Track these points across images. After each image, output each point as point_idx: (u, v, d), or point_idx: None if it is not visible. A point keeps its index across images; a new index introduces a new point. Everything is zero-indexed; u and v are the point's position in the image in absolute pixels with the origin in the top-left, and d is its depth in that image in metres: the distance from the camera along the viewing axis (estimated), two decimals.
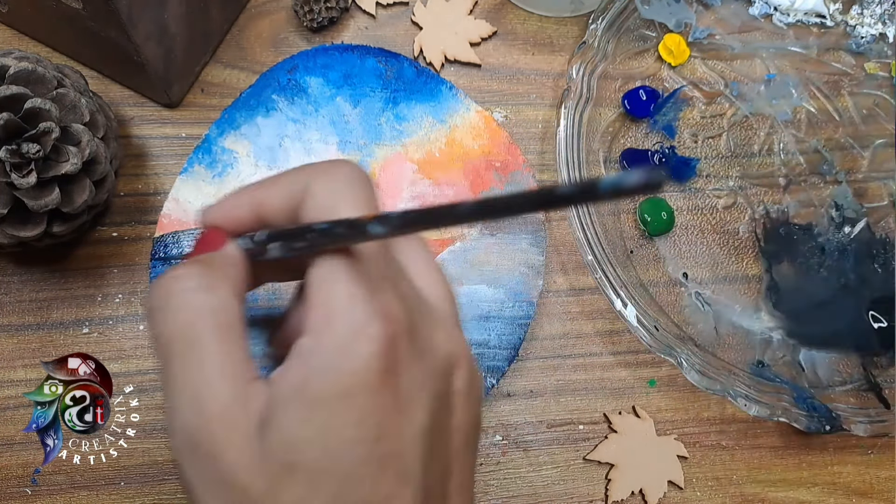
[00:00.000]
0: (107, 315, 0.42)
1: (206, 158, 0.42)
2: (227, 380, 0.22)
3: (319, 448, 0.21)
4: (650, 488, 0.42)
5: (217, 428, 0.21)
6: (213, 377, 0.22)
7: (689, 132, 0.47)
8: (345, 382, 0.21)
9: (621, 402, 0.43)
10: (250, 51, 0.46)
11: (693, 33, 0.48)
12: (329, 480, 0.21)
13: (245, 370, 0.22)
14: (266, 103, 0.43)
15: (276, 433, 0.21)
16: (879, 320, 0.44)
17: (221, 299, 0.23)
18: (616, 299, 0.41)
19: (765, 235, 0.46)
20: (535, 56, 0.48)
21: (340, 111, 0.44)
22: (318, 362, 0.21)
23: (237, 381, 0.22)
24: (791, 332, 0.44)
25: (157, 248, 0.41)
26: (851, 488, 0.43)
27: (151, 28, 0.38)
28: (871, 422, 0.41)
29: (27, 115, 0.35)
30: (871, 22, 0.50)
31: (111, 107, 0.42)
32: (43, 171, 0.35)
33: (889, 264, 0.45)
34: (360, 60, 0.44)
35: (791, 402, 0.41)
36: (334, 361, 0.21)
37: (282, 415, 0.21)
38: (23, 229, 0.36)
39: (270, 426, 0.21)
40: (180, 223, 0.41)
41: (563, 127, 0.44)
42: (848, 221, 0.46)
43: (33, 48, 0.45)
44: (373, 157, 0.43)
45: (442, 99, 0.44)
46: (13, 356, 0.41)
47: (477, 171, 0.43)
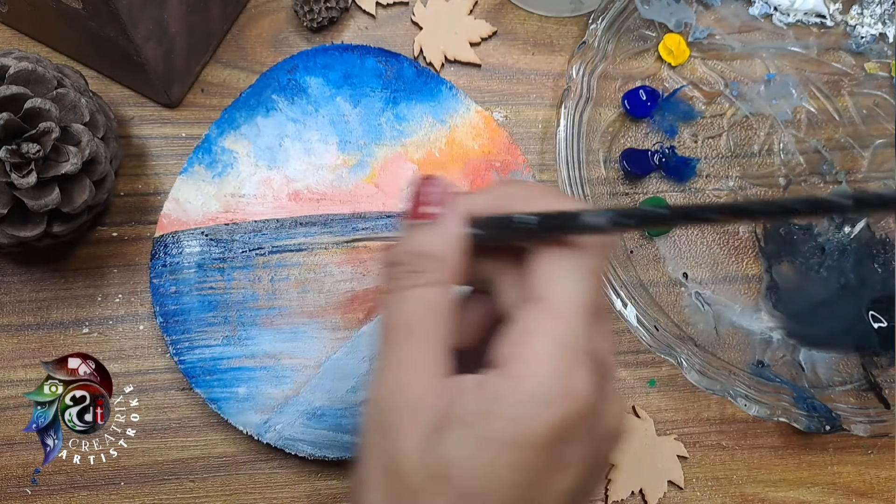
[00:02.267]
0: (107, 315, 0.42)
1: (206, 158, 0.42)
2: (429, 372, 0.24)
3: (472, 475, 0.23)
4: (650, 488, 0.42)
5: (405, 414, 0.24)
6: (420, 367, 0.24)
7: (689, 132, 0.47)
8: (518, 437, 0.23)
9: None
10: (250, 51, 0.46)
11: (693, 33, 0.48)
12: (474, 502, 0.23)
13: (445, 365, 0.25)
14: (266, 103, 0.43)
15: (444, 444, 0.23)
16: (879, 320, 0.44)
17: (446, 295, 0.25)
18: (616, 299, 0.41)
19: (765, 235, 0.46)
20: (535, 56, 0.48)
21: (340, 111, 0.44)
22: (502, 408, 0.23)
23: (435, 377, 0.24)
24: (791, 332, 0.44)
25: (157, 248, 0.41)
26: (851, 488, 0.43)
27: (151, 28, 0.38)
28: (871, 422, 0.41)
29: (27, 115, 0.35)
30: (871, 22, 0.50)
31: (111, 107, 0.42)
32: (43, 171, 0.35)
33: (889, 264, 0.45)
34: (360, 60, 0.44)
35: (791, 402, 0.41)
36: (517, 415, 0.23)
37: (454, 432, 0.23)
38: (23, 229, 0.36)
39: (442, 435, 0.23)
40: (180, 223, 0.41)
41: (563, 127, 0.44)
42: (848, 221, 0.46)
43: (33, 48, 0.45)
44: (373, 157, 0.43)
45: (442, 99, 0.44)
46: (13, 356, 0.41)
47: (477, 171, 0.43)
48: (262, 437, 0.39)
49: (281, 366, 0.40)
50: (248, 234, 0.41)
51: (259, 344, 0.40)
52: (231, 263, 0.41)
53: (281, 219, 0.42)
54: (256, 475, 0.41)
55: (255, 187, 0.42)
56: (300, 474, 0.41)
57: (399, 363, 0.25)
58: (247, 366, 0.40)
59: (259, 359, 0.40)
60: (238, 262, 0.41)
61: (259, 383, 0.39)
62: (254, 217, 0.41)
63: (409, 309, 0.25)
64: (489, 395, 0.23)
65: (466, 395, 0.24)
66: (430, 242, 0.26)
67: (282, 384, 0.39)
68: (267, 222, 0.42)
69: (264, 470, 0.41)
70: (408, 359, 0.25)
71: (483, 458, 0.23)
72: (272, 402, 0.39)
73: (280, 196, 0.42)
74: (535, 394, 0.23)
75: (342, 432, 0.39)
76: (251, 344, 0.40)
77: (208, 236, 0.41)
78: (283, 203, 0.42)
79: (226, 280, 0.41)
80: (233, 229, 0.41)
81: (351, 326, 0.40)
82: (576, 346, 0.24)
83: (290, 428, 0.39)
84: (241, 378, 0.39)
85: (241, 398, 0.39)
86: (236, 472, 0.41)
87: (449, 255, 0.26)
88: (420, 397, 0.24)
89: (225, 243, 0.41)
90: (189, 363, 0.39)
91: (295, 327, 0.40)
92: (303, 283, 0.41)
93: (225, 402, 0.39)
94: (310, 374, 0.40)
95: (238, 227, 0.41)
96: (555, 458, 0.23)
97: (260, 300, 0.40)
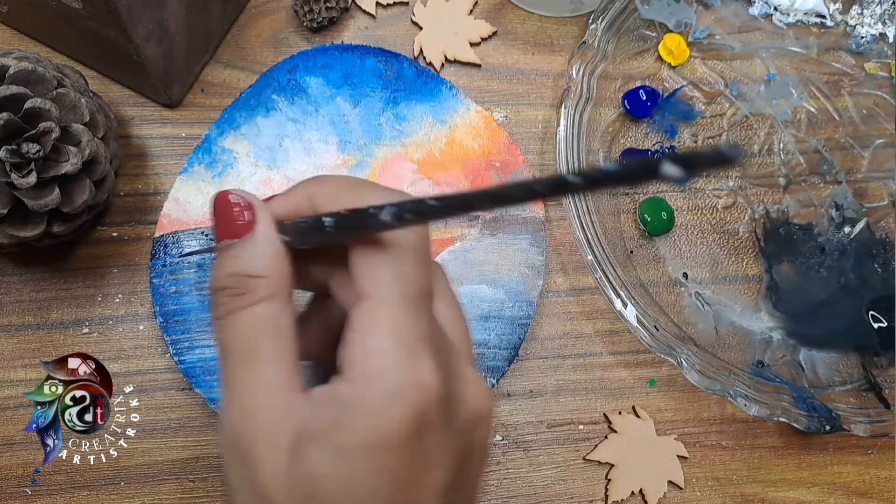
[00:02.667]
0: (107, 315, 0.42)
1: (206, 158, 0.42)
2: (276, 393, 0.23)
3: (340, 488, 0.22)
4: (650, 488, 0.42)
5: (259, 439, 0.23)
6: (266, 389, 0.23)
7: (689, 132, 0.47)
8: (373, 440, 0.22)
9: (621, 402, 0.43)
10: (250, 51, 0.46)
11: (693, 33, 0.48)
12: None
13: (293, 381, 0.24)
14: (266, 103, 0.43)
15: (304, 463, 0.22)
16: (879, 320, 0.44)
17: (279, 309, 0.24)
18: (616, 299, 0.41)
19: (765, 235, 0.46)
20: (535, 56, 0.48)
21: (340, 111, 0.44)
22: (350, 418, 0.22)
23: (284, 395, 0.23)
24: (791, 332, 0.44)
25: (157, 248, 0.41)
26: (851, 488, 0.43)
27: (151, 28, 0.38)
28: (871, 422, 0.41)
29: (27, 115, 0.35)
30: (871, 22, 0.50)
31: (111, 107, 0.42)
32: (43, 171, 0.35)
33: (889, 264, 0.45)
34: (360, 60, 0.44)
35: (791, 402, 0.41)
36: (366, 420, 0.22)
37: (311, 449, 0.22)
38: (23, 229, 0.36)
39: (302, 454, 0.22)
40: (180, 223, 0.41)
41: (563, 127, 0.44)
42: (848, 221, 0.46)
43: (33, 48, 0.45)
44: (373, 157, 0.43)
45: (442, 99, 0.44)
46: (13, 356, 0.41)
47: (477, 171, 0.43)
48: None
49: None
50: None
51: None
52: None
53: None
54: None
55: (255, 187, 0.42)
56: None
57: (245, 387, 0.24)
58: None
59: None
60: None
61: None
62: None
63: (244, 331, 0.24)
64: (338, 404, 0.22)
65: (318, 408, 0.23)
66: (246, 259, 0.24)
67: None
68: None
69: None
70: (252, 382, 0.24)
71: (345, 470, 0.22)
72: None
73: None
74: (379, 393, 0.22)
75: None
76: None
77: (208, 236, 0.41)
78: None
79: None
80: None
81: None
82: (410, 336, 0.23)
83: None
84: None
85: None
86: None
87: (269, 269, 0.24)
88: (273, 419, 0.23)
89: None
90: (189, 363, 0.39)
91: None
92: None
93: None
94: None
95: None
96: (416, 454, 0.22)
97: None
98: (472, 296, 0.42)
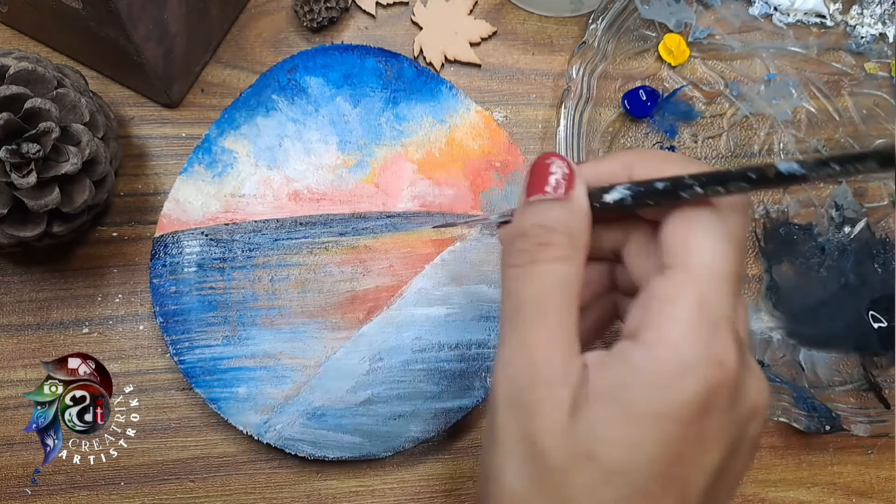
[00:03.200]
0: (107, 315, 0.42)
1: (206, 158, 0.42)
2: (562, 352, 0.23)
3: (621, 452, 0.22)
4: None
5: (541, 392, 0.23)
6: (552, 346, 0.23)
7: (689, 132, 0.47)
8: (662, 408, 0.22)
9: None
10: (250, 51, 0.46)
11: (693, 33, 0.48)
12: (620, 482, 0.22)
13: (575, 343, 0.24)
14: (266, 103, 0.43)
15: (585, 420, 0.22)
16: (879, 320, 0.44)
17: (575, 271, 0.24)
18: None
19: (765, 235, 0.46)
20: (535, 56, 0.48)
21: (340, 111, 0.44)
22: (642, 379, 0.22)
23: (569, 355, 0.23)
24: (791, 332, 0.44)
25: (157, 248, 0.41)
26: (851, 488, 0.43)
27: (151, 28, 0.38)
28: (871, 422, 0.41)
29: (27, 115, 0.35)
30: (871, 22, 0.50)
31: (111, 107, 0.42)
32: (43, 171, 0.35)
33: (889, 264, 0.45)
34: (360, 60, 0.44)
35: (791, 402, 0.41)
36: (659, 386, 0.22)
37: (595, 407, 0.22)
38: (23, 229, 0.36)
39: (582, 411, 0.22)
40: (180, 223, 0.41)
41: (563, 127, 0.44)
42: (848, 221, 0.46)
43: (33, 48, 0.45)
44: (373, 157, 0.43)
45: (442, 99, 0.44)
46: (13, 356, 0.41)
47: (477, 171, 0.43)
48: (262, 437, 0.39)
49: (281, 366, 0.40)
50: (248, 234, 0.41)
51: (259, 344, 0.40)
52: (231, 263, 0.41)
53: (281, 219, 0.42)
54: (256, 475, 0.41)
55: (255, 187, 0.42)
56: (300, 474, 0.41)
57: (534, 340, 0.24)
58: (247, 366, 0.40)
59: (259, 359, 0.40)
60: (238, 262, 0.41)
61: (259, 383, 0.39)
62: (254, 217, 0.42)
63: (543, 284, 0.24)
64: (629, 366, 0.23)
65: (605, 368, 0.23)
66: (559, 214, 0.25)
67: (282, 384, 0.39)
68: (267, 222, 0.42)
69: (264, 470, 0.41)
70: (541, 336, 0.24)
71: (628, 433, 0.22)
72: (272, 402, 0.39)
73: (280, 196, 0.42)
74: (678, 362, 0.22)
75: (342, 432, 0.39)
76: (251, 344, 0.40)
77: (208, 236, 0.41)
78: (283, 203, 0.42)
79: (226, 280, 0.41)
80: (233, 229, 0.41)
81: (351, 326, 0.40)
82: (720, 313, 0.23)
83: (290, 428, 0.39)
84: (241, 378, 0.39)
85: (241, 398, 0.39)
86: (236, 472, 0.41)
87: (578, 230, 0.25)
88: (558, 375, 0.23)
89: (225, 243, 0.41)
90: (189, 363, 0.39)
91: (295, 327, 0.40)
92: (303, 283, 0.41)
93: (225, 402, 0.39)
94: (310, 374, 0.40)
95: (238, 227, 0.41)
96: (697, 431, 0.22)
97: (260, 300, 0.40)
98: (472, 296, 0.42)
